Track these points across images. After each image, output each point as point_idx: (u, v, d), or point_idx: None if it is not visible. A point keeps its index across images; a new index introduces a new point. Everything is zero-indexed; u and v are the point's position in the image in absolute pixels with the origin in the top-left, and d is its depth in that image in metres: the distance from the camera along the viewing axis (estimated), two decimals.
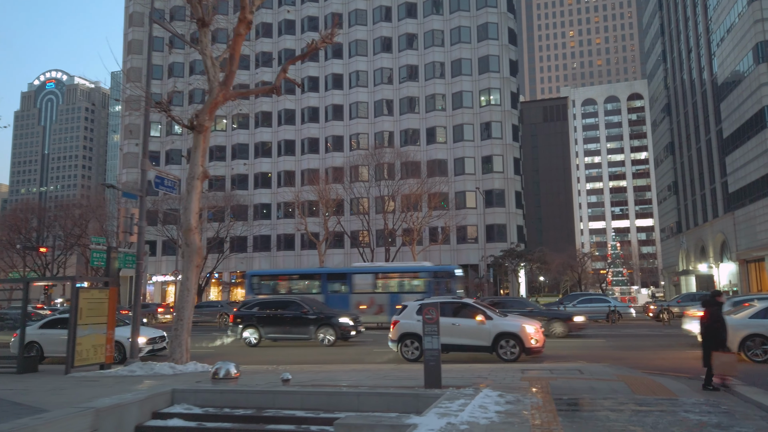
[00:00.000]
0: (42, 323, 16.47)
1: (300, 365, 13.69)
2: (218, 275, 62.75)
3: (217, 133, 64.80)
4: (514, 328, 13.74)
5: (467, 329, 13.90)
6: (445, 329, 13.52)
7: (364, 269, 30.55)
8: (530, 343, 13.51)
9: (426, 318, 7.84)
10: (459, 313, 14.24)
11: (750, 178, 44.73)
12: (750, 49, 43.55)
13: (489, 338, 13.73)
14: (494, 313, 14.25)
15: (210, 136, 13.89)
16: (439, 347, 7.80)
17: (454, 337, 13.92)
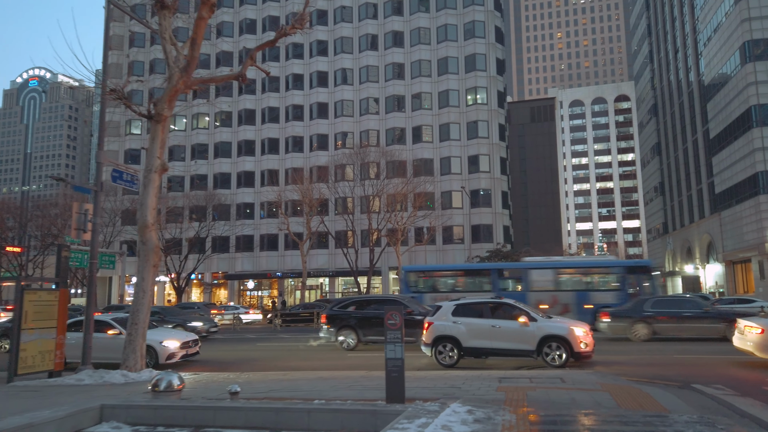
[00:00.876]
0: (72, 322, 15.37)
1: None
2: (200, 276, 61.53)
3: (199, 131, 63.58)
4: (561, 330, 12.71)
5: (508, 332, 12.94)
6: (483, 332, 13.05)
7: (544, 264, 26.99)
8: (579, 347, 12.54)
9: (388, 324, 6.98)
10: (499, 314, 13.30)
11: (736, 178, 44.45)
12: (737, 48, 43.26)
13: (533, 342, 12.73)
14: (538, 314, 13.29)
15: (169, 125, 12.95)
16: (403, 357, 6.95)
17: (494, 341, 13.02)
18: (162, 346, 14.40)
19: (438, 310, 13.83)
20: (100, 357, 14.19)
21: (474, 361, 13.75)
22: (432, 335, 13.47)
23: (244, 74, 13.44)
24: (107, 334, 14.76)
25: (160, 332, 15.47)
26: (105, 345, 14.55)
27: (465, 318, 13.33)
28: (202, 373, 12.61)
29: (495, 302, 13.76)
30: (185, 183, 62.16)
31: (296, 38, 62.22)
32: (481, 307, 13.53)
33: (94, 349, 13.94)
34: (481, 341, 13.08)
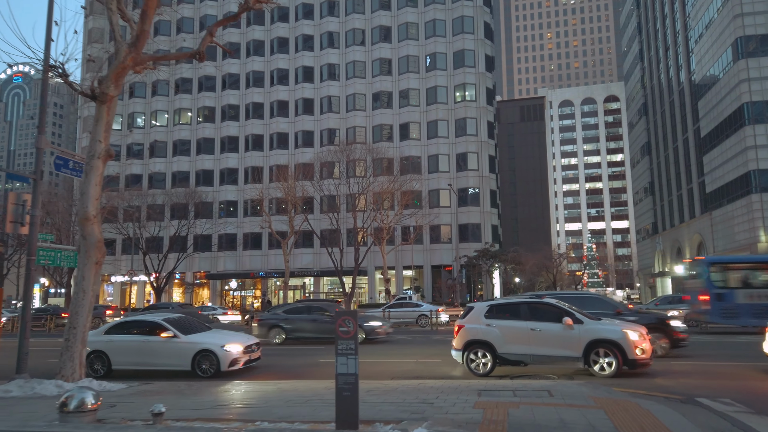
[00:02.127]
0: (108, 327, 13.62)
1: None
2: (182, 276, 59.92)
3: (181, 127, 61.94)
4: (613, 333, 11.07)
5: (550, 336, 11.39)
6: (520, 336, 11.61)
7: None
8: (635, 354, 10.88)
9: (340, 332, 5.74)
10: (539, 316, 11.69)
11: (728, 177, 43.69)
12: (729, 45, 42.50)
13: (579, 347, 11.14)
14: (585, 316, 11.62)
15: (116, 107, 11.63)
16: (356, 372, 5.72)
17: (534, 346, 11.49)
18: (224, 351, 12.47)
19: (470, 312, 12.43)
20: (149, 363, 12.76)
21: (512, 368, 12.24)
22: (463, 340, 12.01)
23: (202, 51, 12.15)
24: (160, 337, 12.82)
25: (218, 335, 13.52)
26: (156, 350, 12.77)
27: (500, 320, 11.91)
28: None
29: (534, 302, 12.23)
30: (167, 180, 60.52)
31: (282, 32, 60.83)
32: (518, 308, 12.03)
33: (144, 354, 12.72)
34: (518, 347, 11.64)
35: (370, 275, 55.12)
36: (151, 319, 13.38)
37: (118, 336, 13.16)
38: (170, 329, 12.87)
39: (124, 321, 13.68)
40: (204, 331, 13.50)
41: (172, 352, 12.61)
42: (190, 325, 13.44)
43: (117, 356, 12.93)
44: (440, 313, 29.60)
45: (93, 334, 13.17)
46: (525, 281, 70.49)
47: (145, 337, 12.91)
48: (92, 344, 12.77)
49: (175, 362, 12.60)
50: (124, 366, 13.02)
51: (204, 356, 12.47)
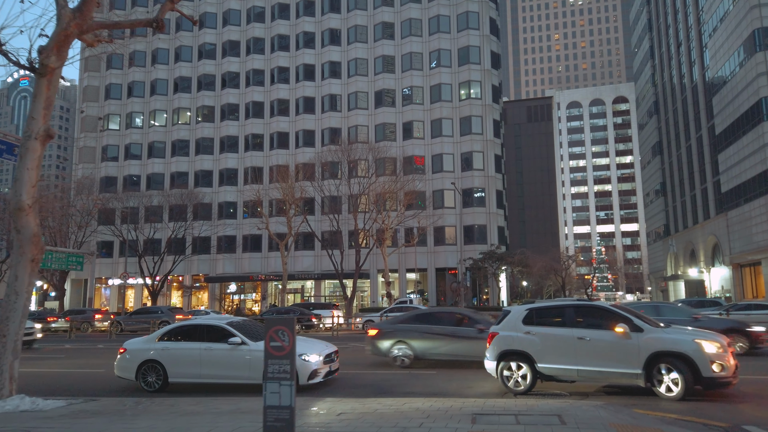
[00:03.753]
0: (163, 333, 11.72)
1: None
2: (181, 279, 58.49)
3: (179, 127, 60.66)
4: (682, 345, 8.89)
5: (602, 347, 9.39)
6: (565, 346, 9.65)
7: None
8: (711, 370, 8.65)
9: (270, 347, 4.15)
10: (589, 322, 9.75)
11: (745, 176, 41.74)
12: (746, 37, 40.63)
13: (638, 361, 9.06)
14: (647, 322, 9.48)
15: (58, 82, 10.13)
16: (291, 403, 4.12)
17: (581, 359, 9.48)
18: (303, 361, 10.55)
19: (505, 317, 10.59)
20: (213, 375, 10.97)
21: (557, 384, 10.33)
22: (496, 350, 10.21)
23: (160, 19, 10.60)
24: (226, 344, 10.98)
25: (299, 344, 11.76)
26: (221, 359, 10.82)
27: (541, 327, 10.04)
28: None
29: (583, 305, 10.39)
30: (165, 180, 59.22)
31: (282, 29, 59.49)
32: (563, 312, 10.08)
33: (207, 365, 10.94)
34: (562, 359, 9.65)
35: (372, 278, 53.47)
36: (214, 323, 11.54)
37: (175, 343, 11.34)
38: (237, 335, 10.94)
39: (182, 325, 11.70)
40: None
41: (240, 363, 10.71)
42: (259, 331, 11.62)
43: (174, 367, 11.12)
44: None
45: (145, 340, 11.73)
46: (533, 285, 68.54)
47: (207, 345, 11.03)
48: (145, 353, 11.29)
49: (243, 374, 10.69)
50: (182, 378, 11.13)
51: None
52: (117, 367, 11.55)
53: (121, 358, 11.48)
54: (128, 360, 11.37)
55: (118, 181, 59.61)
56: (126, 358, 11.42)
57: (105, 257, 58.80)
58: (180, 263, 52.99)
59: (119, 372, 11.52)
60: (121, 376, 11.53)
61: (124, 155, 61.51)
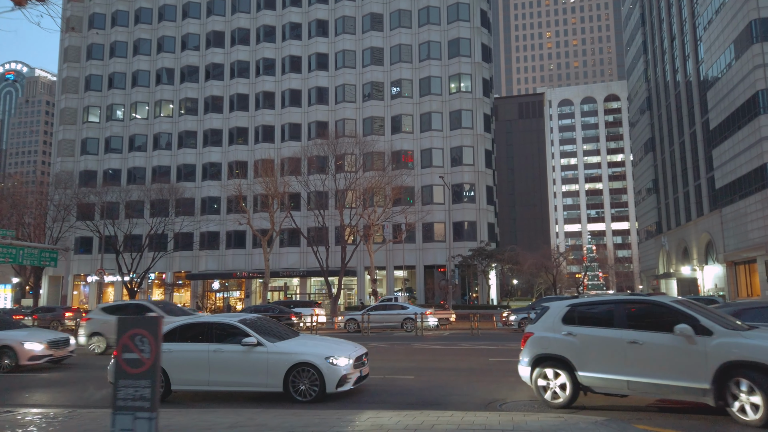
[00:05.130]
0: (165, 332, 9.62)
1: None
2: (164, 276, 56.77)
3: (162, 119, 58.92)
4: (762, 353, 6.83)
5: (659, 353, 7.52)
6: (613, 352, 7.87)
7: None
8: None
9: (123, 360, 2.75)
10: (644, 322, 7.86)
11: (740, 171, 40.76)
12: (742, 29, 39.60)
13: (705, 372, 7.11)
14: (718, 322, 7.44)
15: None
16: None
17: (634, 368, 7.67)
18: (330, 365, 9.12)
19: (543, 314, 9.00)
20: (224, 382, 9.38)
21: (605, 397, 8.60)
22: (530, 353, 8.68)
23: None
24: (239, 345, 9.44)
25: (315, 342, 10.19)
26: (233, 363, 9.36)
27: (584, 328, 8.31)
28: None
29: (637, 300, 8.35)
30: (146, 175, 57.48)
31: (267, 20, 57.90)
32: (611, 310, 8.25)
33: (217, 370, 9.39)
34: (609, 367, 7.88)
35: (359, 276, 52.12)
36: (224, 321, 9.93)
37: (180, 345, 9.64)
38: (252, 335, 9.45)
39: (187, 324, 10.05)
40: (293, 337, 10.16)
41: (255, 367, 9.26)
42: (276, 330, 10.20)
43: (178, 372, 9.48)
44: (428, 316, 26.60)
45: None
46: (523, 283, 67.50)
47: (217, 346, 9.47)
48: None
49: (260, 380, 9.25)
50: (187, 386, 9.60)
51: (302, 372, 9.09)
52: (111, 373, 9.52)
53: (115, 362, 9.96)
54: None
55: (97, 175, 57.81)
56: None
57: (83, 254, 56.98)
58: (161, 260, 51.31)
59: (112, 377, 9.85)
60: None
61: (104, 148, 59.69)
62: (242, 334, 9.49)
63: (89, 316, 18.83)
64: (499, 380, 11.10)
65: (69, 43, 61.52)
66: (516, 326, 25.75)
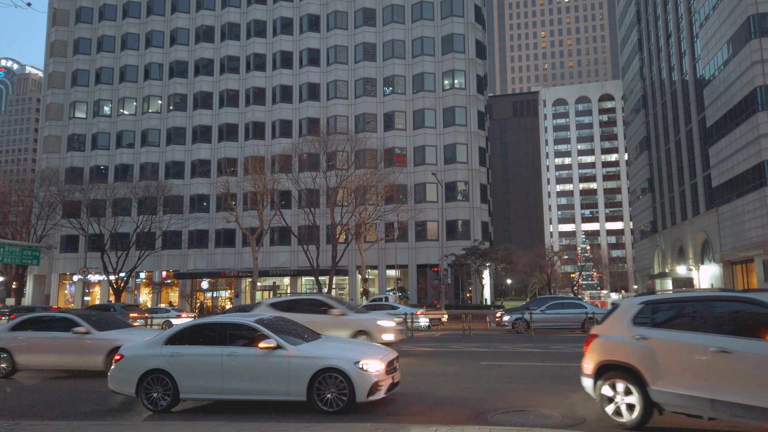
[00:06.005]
0: (172, 334, 8.96)
1: None
2: (153, 276, 55.64)
3: (150, 115, 57.78)
4: None
5: (751, 366, 5.99)
6: (695, 361, 6.34)
7: None
8: None
9: None
10: (734, 326, 6.38)
11: (737, 169, 40.13)
12: (740, 24, 38.97)
13: None
14: None
15: None
16: None
17: (719, 383, 6.15)
18: (360, 370, 8.04)
19: (611, 313, 7.50)
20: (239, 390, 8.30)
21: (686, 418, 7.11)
22: (594, 360, 7.28)
23: None
24: (256, 348, 8.36)
25: (341, 344, 9.15)
26: (250, 369, 8.32)
27: (660, 330, 6.81)
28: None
29: (726, 297, 6.72)
30: (134, 172, 56.33)
31: (258, 14, 56.89)
32: (695, 309, 6.68)
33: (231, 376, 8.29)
34: (689, 381, 6.37)
35: (351, 275, 51.22)
36: (239, 321, 8.96)
37: (189, 347, 8.66)
38: (271, 336, 8.40)
39: (198, 324, 9.14)
40: (315, 339, 9.17)
41: (275, 373, 8.20)
42: (296, 331, 9.24)
43: (187, 378, 8.47)
44: (419, 316, 25.73)
45: (148, 344, 8.95)
46: (517, 282, 66.80)
47: (232, 349, 8.46)
48: (148, 360, 8.63)
49: (280, 388, 8.19)
50: (198, 394, 8.53)
51: (327, 379, 8.07)
52: (111, 379, 8.92)
53: (117, 367, 8.88)
54: (126, 369, 8.74)
55: (84, 172, 56.65)
56: (123, 367, 8.80)
57: (70, 252, 55.84)
58: (149, 259, 50.35)
59: (114, 385, 8.88)
60: (117, 390, 8.88)
61: (91, 145, 58.51)
62: (260, 335, 8.48)
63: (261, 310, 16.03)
64: (490, 387, 10.23)
65: (56, 38, 60.30)
66: (510, 327, 24.92)
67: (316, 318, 15.11)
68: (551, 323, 24.21)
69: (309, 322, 14.14)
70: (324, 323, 14.81)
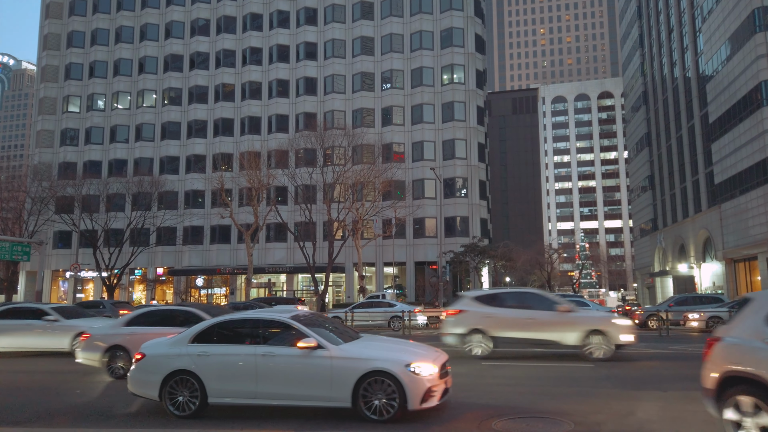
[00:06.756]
0: (198, 332, 8.09)
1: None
2: (148, 272, 54.84)
3: (144, 110, 56.91)
4: None
5: None
6: None
7: None
8: None
9: None
10: None
11: (741, 165, 39.44)
12: (744, 18, 38.25)
13: None
14: None
15: None
16: None
17: None
18: (413, 374, 7.15)
19: (741, 309, 6.07)
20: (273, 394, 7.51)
21: None
22: (716, 368, 5.82)
23: None
24: (295, 348, 7.50)
25: (386, 344, 8.17)
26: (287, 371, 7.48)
27: None
28: None
29: None
30: (128, 167, 55.47)
31: (255, 8, 56.04)
32: None
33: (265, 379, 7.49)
34: None
35: (348, 272, 50.51)
36: (273, 318, 8.11)
37: (219, 346, 7.87)
38: (311, 335, 7.59)
39: (227, 321, 8.34)
40: (356, 339, 8.29)
41: (316, 376, 7.38)
42: (334, 328, 8.42)
43: (216, 381, 7.67)
44: (416, 314, 25.02)
45: (173, 342, 8.11)
46: (516, 280, 66.10)
47: (266, 349, 7.62)
48: (173, 360, 7.81)
49: (321, 393, 7.35)
50: (228, 398, 7.69)
51: (374, 383, 7.17)
52: (131, 380, 8.13)
53: (138, 367, 8.08)
54: (148, 370, 7.95)
55: (77, 167, 55.73)
56: (145, 368, 8.01)
57: (62, 248, 55.01)
58: (143, 255, 49.56)
59: (135, 387, 8.07)
60: (138, 393, 8.09)
61: (84, 139, 57.63)
62: (297, 334, 7.64)
63: (460, 307, 14.22)
64: (491, 391, 9.52)
65: (49, 31, 59.36)
66: None
67: (536, 315, 13.31)
68: None
69: (528, 320, 13.12)
70: (547, 321, 13.16)
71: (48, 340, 14.77)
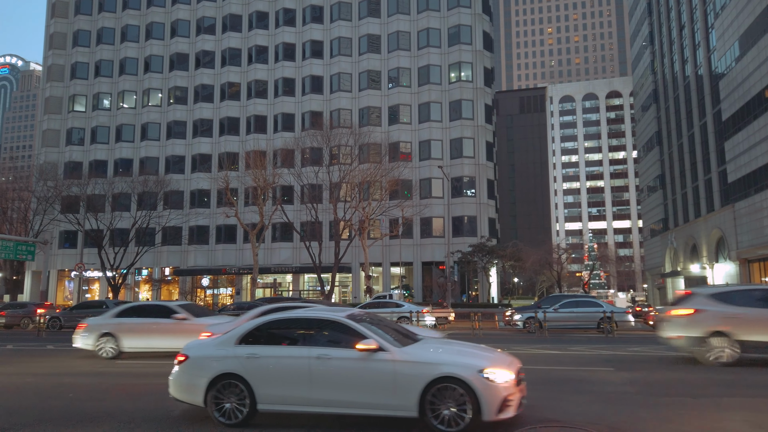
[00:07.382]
0: (246, 332, 7.42)
1: None
2: (155, 272, 54.55)
3: (150, 109, 56.65)
4: None
5: None
6: None
7: None
8: None
9: None
10: None
11: (756, 163, 38.61)
12: (759, 12, 37.44)
13: None
14: None
15: None
16: None
17: None
18: (487, 381, 6.39)
19: None
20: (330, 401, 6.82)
21: None
22: None
23: None
24: (354, 350, 6.83)
25: (452, 347, 7.31)
26: (346, 375, 6.81)
27: None
28: None
29: None
30: (134, 166, 55.22)
31: (261, 6, 55.66)
32: None
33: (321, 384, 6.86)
34: None
35: (354, 272, 49.98)
36: (327, 317, 7.39)
37: (269, 348, 7.20)
38: (370, 336, 6.89)
39: (277, 320, 7.65)
40: (418, 341, 7.52)
41: (377, 382, 6.66)
42: (393, 329, 7.74)
43: (267, 386, 6.98)
44: (424, 314, 24.46)
45: (218, 343, 7.46)
46: (524, 281, 65.38)
47: (321, 351, 6.95)
48: (219, 362, 7.16)
49: (382, 400, 6.62)
50: (280, 405, 6.98)
51: (443, 390, 6.45)
52: (173, 384, 7.43)
53: (181, 370, 7.39)
54: (192, 373, 7.27)
55: (83, 167, 55.53)
56: (188, 371, 7.33)
57: (68, 248, 54.80)
58: (148, 255, 49.28)
59: (177, 392, 7.40)
60: (180, 399, 7.39)
61: (90, 139, 57.45)
62: (354, 334, 6.98)
63: (699, 306, 12.42)
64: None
65: (55, 30, 59.23)
66: (521, 326, 23.61)
67: None
68: (565, 323, 22.91)
69: None
70: None
71: (179, 341, 13.29)
